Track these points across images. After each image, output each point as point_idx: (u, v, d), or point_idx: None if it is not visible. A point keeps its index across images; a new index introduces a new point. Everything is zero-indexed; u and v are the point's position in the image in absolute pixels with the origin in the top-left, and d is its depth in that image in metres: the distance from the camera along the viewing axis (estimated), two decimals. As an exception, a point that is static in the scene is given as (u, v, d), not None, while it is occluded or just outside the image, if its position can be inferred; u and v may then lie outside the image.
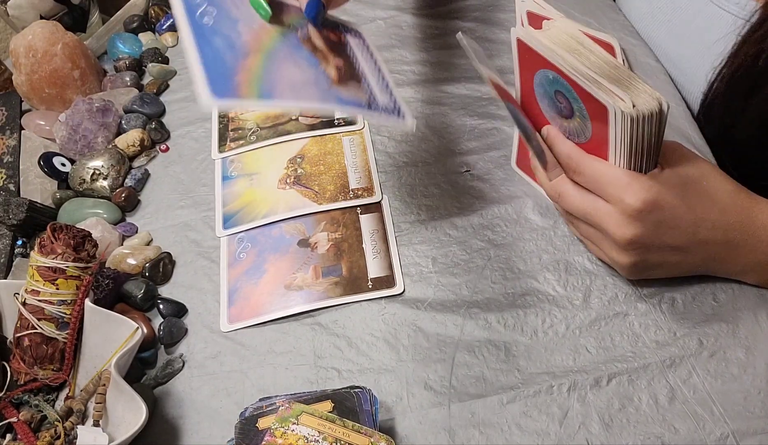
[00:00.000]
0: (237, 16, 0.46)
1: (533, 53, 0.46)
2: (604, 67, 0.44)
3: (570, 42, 0.46)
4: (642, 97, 0.42)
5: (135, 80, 0.73)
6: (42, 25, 0.68)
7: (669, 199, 0.45)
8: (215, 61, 0.41)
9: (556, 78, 0.45)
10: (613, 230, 0.46)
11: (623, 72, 0.44)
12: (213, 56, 0.41)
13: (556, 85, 0.46)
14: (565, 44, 0.46)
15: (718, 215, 0.46)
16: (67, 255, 0.49)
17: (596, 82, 0.43)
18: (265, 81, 0.43)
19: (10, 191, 0.65)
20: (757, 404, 0.45)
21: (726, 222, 0.46)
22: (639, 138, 0.43)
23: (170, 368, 0.52)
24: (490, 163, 0.61)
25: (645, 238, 0.45)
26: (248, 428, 0.43)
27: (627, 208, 0.44)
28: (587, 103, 0.44)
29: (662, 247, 0.47)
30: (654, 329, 0.49)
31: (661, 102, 0.42)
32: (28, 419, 0.48)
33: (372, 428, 0.42)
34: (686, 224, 0.46)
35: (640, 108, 0.41)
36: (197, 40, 0.41)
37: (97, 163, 0.63)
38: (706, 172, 0.47)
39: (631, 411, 0.46)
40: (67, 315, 0.50)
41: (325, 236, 0.58)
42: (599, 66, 0.44)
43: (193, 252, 0.59)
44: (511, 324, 0.51)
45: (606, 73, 0.43)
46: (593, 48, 0.46)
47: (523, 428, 0.46)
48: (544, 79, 0.47)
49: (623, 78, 0.43)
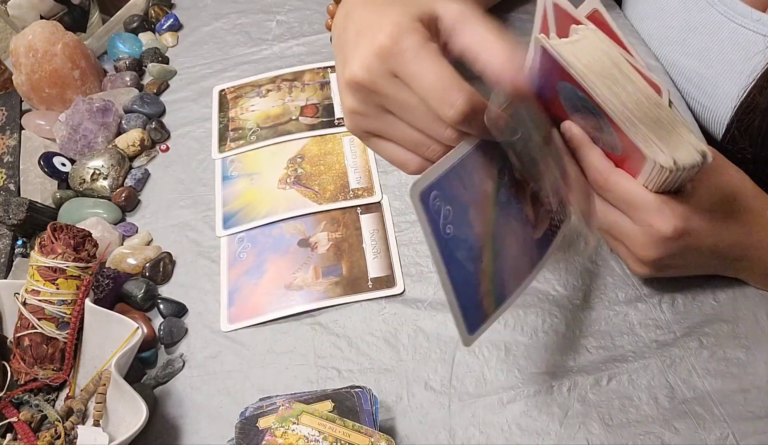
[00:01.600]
0: (467, 200, 0.38)
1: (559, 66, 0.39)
2: (644, 103, 0.39)
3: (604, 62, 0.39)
4: (684, 149, 0.38)
5: (135, 80, 0.73)
6: (42, 25, 0.68)
7: (697, 225, 0.43)
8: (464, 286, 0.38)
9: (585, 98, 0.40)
10: (638, 250, 0.45)
11: (666, 114, 0.39)
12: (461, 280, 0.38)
13: (584, 102, 0.40)
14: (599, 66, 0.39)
15: (743, 237, 0.46)
16: (67, 255, 0.49)
17: (635, 125, 0.38)
18: (497, 284, 0.40)
19: (10, 191, 0.65)
20: (757, 404, 0.45)
21: (748, 242, 0.46)
22: (675, 182, 0.41)
23: (170, 368, 0.52)
24: (490, 163, 0.61)
25: (667, 259, 0.45)
26: (248, 428, 0.44)
27: (656, 234, 0.43)
28: (622, 139, 0.40)
29: (681, 265, 0.47)
30: (654, 329, 0.49)
31: (705, 155, 0.38)
32: (29, 419, 0.48)
33: (372, 428, 0.42)
34: (709, 245, 0.45)
35: (681, 163, 0.38)
36: (447, 265, 0.37)
37: (97, 163, 0.63)
38: (738, 189, 0.46)
39: (631, 411, 0.46)
40: (68, 315, 0.50)
41: (325, 236, 0.58)
42: (638, 102, 0.38)
43: (193, 252, 0.59)
44: (511, 324, 0.51)
45: (646, 114, 0.38)
46: (633, 76, 0.39)
47: (523, 428, 0.46)
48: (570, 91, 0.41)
49: (665, 122, 0.39)
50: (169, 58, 0.76)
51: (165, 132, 0.68)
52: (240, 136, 0.66)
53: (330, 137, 0.65)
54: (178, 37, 0.79)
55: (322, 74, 0.71)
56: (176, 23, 0.79)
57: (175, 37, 0.79)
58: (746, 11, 0.55)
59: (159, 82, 0.73)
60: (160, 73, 0.73)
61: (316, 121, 0.66)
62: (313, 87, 0.69)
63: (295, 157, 0.64)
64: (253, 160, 0.64)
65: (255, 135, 0.66)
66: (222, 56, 0.75)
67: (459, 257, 0.38)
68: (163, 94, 0.73)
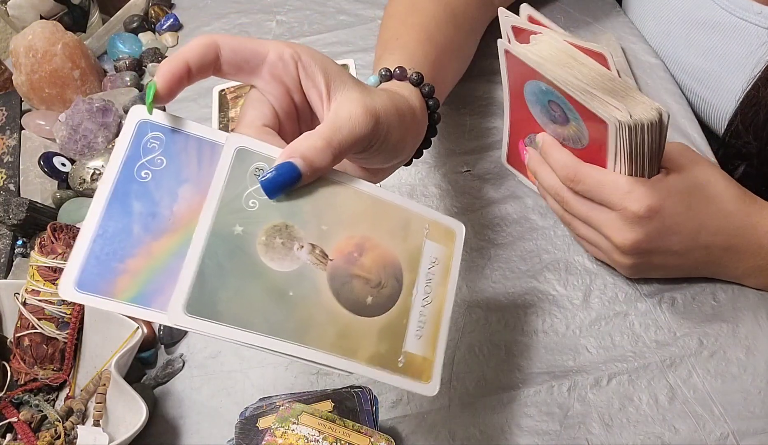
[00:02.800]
0: (188, 175, 0.34)
1: (523, 65, 0.45)
2: (597, 79, 0.43)
3: (560, 56, 0.45)
4: (640, 108, 0.42)
5: (135, 80, 0.73)
6: (42, 25, 0.68)
7: (671, 206, 0.44)
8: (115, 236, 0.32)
9: (549, 89, 0.44)
10: (614, 235, 0.46)
11: (619, 83, 0.43)
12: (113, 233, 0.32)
13: (549, 95, 0.45)
14: (555, 58, 0.45)
15: (722, 221, 0.46)
16: (67, 255, 0.49)
17: (591, 94, 0.42)
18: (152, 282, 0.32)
19: (10, 191, 0.65)
20: (757, 404, 0.45)
21: (729, 228, 0.46)
22: (639, 147, 0.43)
23: (170, 368, 0.52)
24: (490, 163, 0.61)
25: (646, 243, 0.45)
26: (248, 428, 0.44)
27: (629, 215, 0.44)
28: (584, 116, 0.43)
29: (663, 251, 0.47)
30: (654, 329, 0.49)
31: (661, 112, 0.41)
32: (29, 419, 0.48)
33: (372, 428, 0.42)
34: (688, 230, 0.45)
35: (638, 118, 0.41)
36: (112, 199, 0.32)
37: (97, 163, 0.63)
38: (712, 176, 0.46)
39: (631, 411, 0.46)
40: (67, 315, 0.50)
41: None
42: (592, 78, 0.43)
43: (193, 252, 0.59)
44: (511, 324, 0.51)
45: (600, 85, 0.43)
46: (585, 61, 0.45)
47: (523, 428, 0.46)
48: (536, 89, 0.46)
49: (619, 89, 0.43)
50: (169, 58, 0.76)
51: (165, 132, 0.68)
52: (240, 136, 0.66)
53: (330, 137, 0.65)
54: (178, 37, 0.79)
55: (322, 74, 0.70)
56: (176, 23, 0.79)
57: (175, 37, 0.79)
58: (747, 5, 0.55)
59: (159, 82, 0.73)
60: (160, 73, 0.73)
61: (315, 121, 0.66)
62: (312, 87, 0.69)
63: (294, 157, 0.64)
64: (253, 160, 0.64)
65: (255, 135, 0.66)
66: (222, 56, 0.75)
67: (135, 207, 0.33)
68: (163, 94, 0.73)
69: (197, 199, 0.34)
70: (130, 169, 0.33)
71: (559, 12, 0.71)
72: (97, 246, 0.32)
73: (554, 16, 0.71)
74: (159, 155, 0.34)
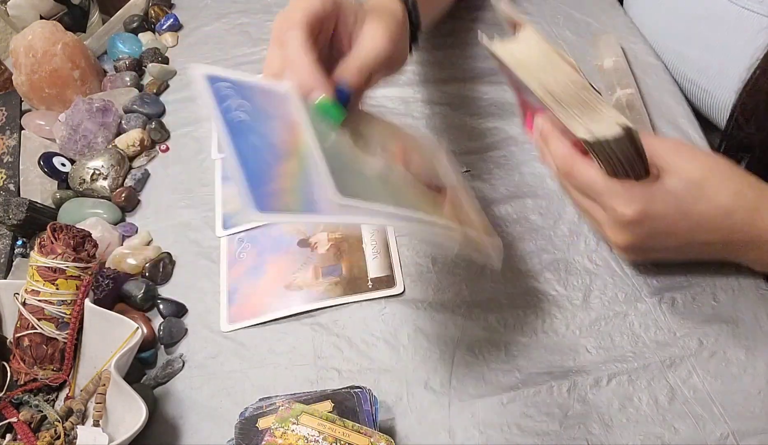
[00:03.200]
0: (272, 112, 0.41)
1: None
2: (570, 87, 0.43)
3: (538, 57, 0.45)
4: (605, 123, 0.41)
5: (135, 80, 0.73)
6: (42, 25, 0.68)
7: (662, 208, 0.44)
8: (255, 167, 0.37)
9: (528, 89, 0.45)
10: (609, 234, 0.46)
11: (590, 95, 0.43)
12: (252, 160, 0.37)
13: None
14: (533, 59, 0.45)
15: (718, 219, 0.45)
16: (67, 255, 0.49)
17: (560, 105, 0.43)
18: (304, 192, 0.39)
19: (10, 191, 0.65)
20: (757, 404, 0.45)
21: (729, 224, 0.45)
22: (612, 157, 0.43)
23: (170, 368, 0.52)
24: (490, 163, 0.61)
25: (639, 244, 0.46)
26: (248, 428, 0.44)
27: (619, 218, 0.45)
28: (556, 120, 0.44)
29: (659, 249, 0.47)
30: (654, 329, 0.49)
31: (626, 126, 0.41)
32: (28, 419, 0.48)
33: (372, 428, 0.42)
34: (683, 230, 0.45)
35: (601, 135, 0.41)
36: (234, 141, 0.37)
37: (97, 163, 0.63)
38: (709, 172, 0.46)
39: (631, 411, 0.46)
40: (67, 315, 0.50)
41: (325, 236, 0.58)
42: (565, 86, 0.43)
43: (193, 252, 0.59)
44: (511, 324, 0.51)
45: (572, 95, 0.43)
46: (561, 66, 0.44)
47: (523, 428, 0.46)
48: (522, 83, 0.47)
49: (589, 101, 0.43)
50: (169, 58, 0.76)
51: (165, 132, 0.68)
52: (240, 136, 0.66)
53: (330, 137, 0.65)
54: (178, 37, 0.79)
55: (322, 74, 0.70)
56: (176, 23, 0.79)
57: (175, 37, 0.79)
58: None
59: (159, 82, 0.73)
60: (160, 73, 0.73)
61: (316, 121, 0.66)
62: (313, 87, 0.69)
63: (294, 157, 0.64)
64: (253, 160, 0.64)
65: (255, 135, 0.66)
66: (222, 56, 0.75)
67: (252, 141, 0.39)
68: (163, 94, 0.73)
69: (289, 129, 0.41)
70: (228, 114, 0.38)
71: (559, 12, 0.71)
72: (250, 178, 0.36)
73: (554, 16, 0.71)
74: (238, 99, 0.39)
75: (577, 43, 0.69)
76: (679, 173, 0.45)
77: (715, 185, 0.45)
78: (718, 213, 0.45)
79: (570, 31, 0.70)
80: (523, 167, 0.60)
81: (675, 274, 0.52)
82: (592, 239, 0.55)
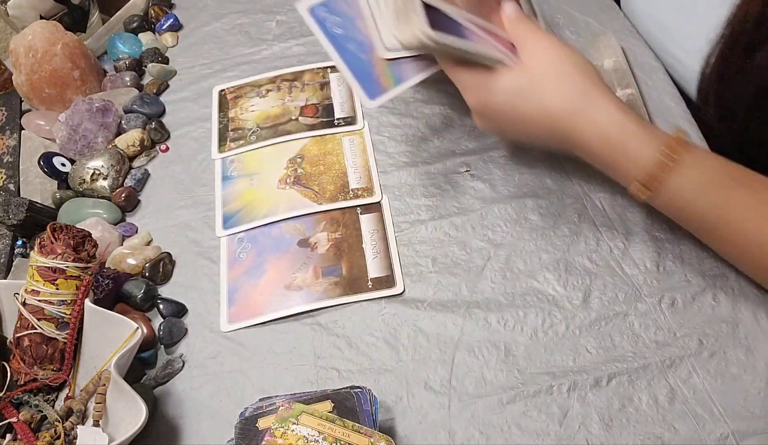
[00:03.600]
0: (352, 14, 0.52)
1: None
2: None
3: None
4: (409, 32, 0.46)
5: (135, 80, 0.73)
6: (42, 25, 0.68)
7: (499, 102, 0.49)
8: (359, 67, 0.51)
9: None
10: None
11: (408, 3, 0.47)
12: (355, 63, 0.51)
13: None
14: None
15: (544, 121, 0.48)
16: (67, 255, 0.49)
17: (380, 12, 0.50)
18: (394, 71, 0.52)
19: (10, 191, 0.65)
20: (757, 404, 0.45)
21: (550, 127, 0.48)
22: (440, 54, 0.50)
23: (170, 368, 0.52)
24: (490, 163, 0.61)
25: (489, 128, 0.52)
26: (248, 428, 0.44)
27: (468, 106, 0.51)
28: None
29: (510, 134, 0.54)
30: (654, 329, 0.49)
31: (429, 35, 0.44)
32: (28, 419, 0.48)
33: (372, 428, 0.42)
34: (518, 124, 0.49)
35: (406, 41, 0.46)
36: (340, 53, 0.51)
37: (97, 163, 0.63)
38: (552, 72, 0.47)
39: (631, 411, 0.46)
40: (67, 315, 0.50)
41: (325, 236, 0.58)
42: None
43: (193, 252, 0.59)
44: (511, 324, 0.51)
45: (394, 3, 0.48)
46: None
47: (523, 428, 0.46)
48: None
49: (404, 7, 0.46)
50: (169, 58, 0.76)
51: (165, 132, 0.68)
52: (240, 137, 0.66)
53: (330, 137, 0.65)
54: (178, 37, 0.79)
55: (322, 74, 0.70)
56: (176, 23, 0.79)
57: (175, 37, 0.79)
58: None
59: (159, 82, 0.73)
60: (160, 73, 0.73)
61: (316, 122, 0.66)
62: (312, 87, 0.69)
63: (294, 157, 0.64)
64: (253, 160, 0.64)
65: (255, 135, 0.66)
66: (222, 56, 0.75)
67: (350, 48, 0.51)
68: (163, 94, 0.73)
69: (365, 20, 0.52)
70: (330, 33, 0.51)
71: (559, 12, 0.71)
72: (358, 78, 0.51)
73: (554, 16, 0.71)
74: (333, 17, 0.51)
75: (577, 43, 0.69)
76: (518, 71, 0.48)
77: (549, 88, 0.47)
78: (541, 115, 0.48)
79: (570, 31, 0.70)
80: (523, 167, 0.60)
81: (675, 274, 0.52)
82: (592, 239, 0.55)
